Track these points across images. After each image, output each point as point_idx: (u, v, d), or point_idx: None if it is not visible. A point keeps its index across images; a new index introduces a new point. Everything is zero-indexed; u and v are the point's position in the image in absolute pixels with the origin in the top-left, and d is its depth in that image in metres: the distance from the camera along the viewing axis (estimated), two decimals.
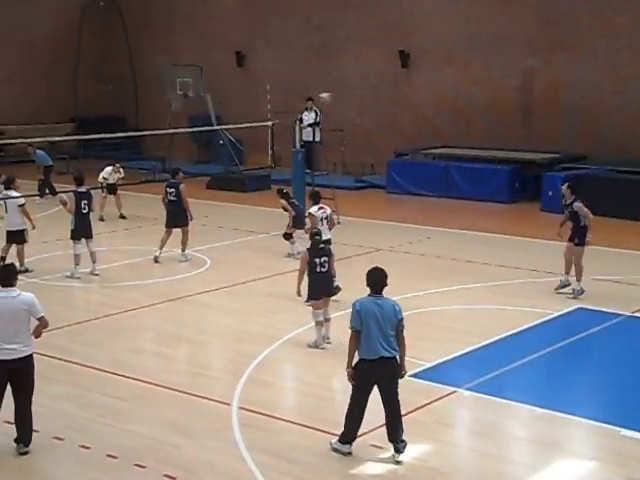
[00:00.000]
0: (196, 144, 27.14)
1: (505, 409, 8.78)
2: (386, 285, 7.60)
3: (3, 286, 7.47)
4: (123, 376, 9.51)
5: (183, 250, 14.61)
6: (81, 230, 13.57)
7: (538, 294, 12.83)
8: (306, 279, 10.44)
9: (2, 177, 15.56)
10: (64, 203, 13.97)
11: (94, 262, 13.66)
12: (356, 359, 7.49)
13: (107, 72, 29.80)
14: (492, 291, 13.10)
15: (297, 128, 18.38)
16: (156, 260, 14.39)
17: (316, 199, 12.89)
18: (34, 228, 13.91)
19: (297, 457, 7.56)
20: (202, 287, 12.76)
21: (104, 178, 18.40)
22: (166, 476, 7.23)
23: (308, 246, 10.68)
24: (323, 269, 10.30)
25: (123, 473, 7.30)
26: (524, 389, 9.27)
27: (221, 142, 23.41)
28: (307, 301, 10.74)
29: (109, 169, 18.57)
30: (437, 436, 8.15)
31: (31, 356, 7.46)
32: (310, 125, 18.40)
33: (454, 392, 9.07)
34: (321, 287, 10.32)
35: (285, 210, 15.02)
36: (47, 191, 20.61)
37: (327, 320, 10.40)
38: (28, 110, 27.71)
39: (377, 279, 7.57)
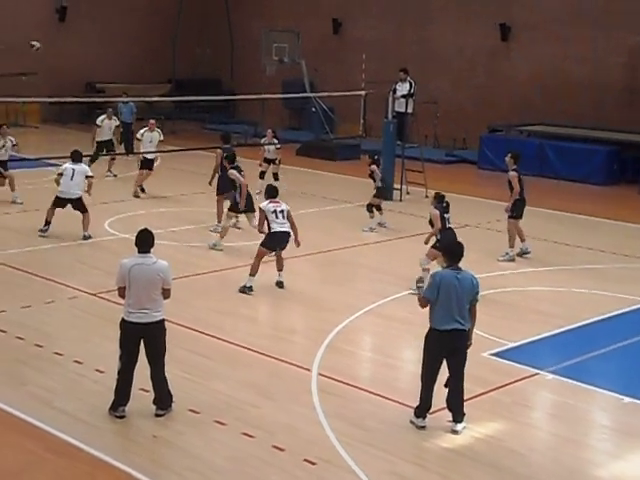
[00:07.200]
0: (288, 110, 27.23)
1: (589, 395, 8.58)
2: (462, 257, 7.63)
3: (140, 252, 7.51)
4: (207, 335, 9.72)
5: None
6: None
7: (631, 280, 12.44)
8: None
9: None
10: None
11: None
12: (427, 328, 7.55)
13: (206, 35, 30.13)
14: (582, 274, 12.77)
15: (390, 98, 18.21)
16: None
17: (272, 193, 11.70)
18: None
19: (372, 426, 7.59)
20: (286, 253, 12.84)
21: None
22: (245, 434, 7.38)
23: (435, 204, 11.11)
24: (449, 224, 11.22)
25: (204, 428, 7.48)
26: (611, 376, 9.04)
27: (313, 109, 23.41)
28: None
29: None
30: (516, 417, 8.04)
31: (163, 321, 7.55)
32: (403, 96, 18.20)
33: (536, 374, 8.91)
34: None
35: (371, 176, 14.91)
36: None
37: None
38: (128, 70, 28.31)
39: (456, 252, 7.65)
